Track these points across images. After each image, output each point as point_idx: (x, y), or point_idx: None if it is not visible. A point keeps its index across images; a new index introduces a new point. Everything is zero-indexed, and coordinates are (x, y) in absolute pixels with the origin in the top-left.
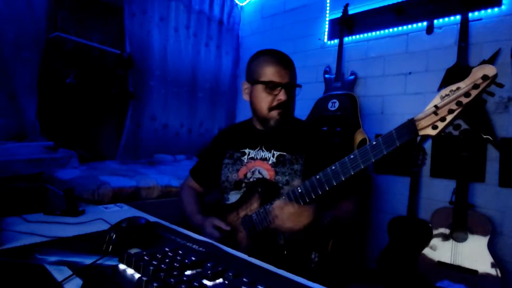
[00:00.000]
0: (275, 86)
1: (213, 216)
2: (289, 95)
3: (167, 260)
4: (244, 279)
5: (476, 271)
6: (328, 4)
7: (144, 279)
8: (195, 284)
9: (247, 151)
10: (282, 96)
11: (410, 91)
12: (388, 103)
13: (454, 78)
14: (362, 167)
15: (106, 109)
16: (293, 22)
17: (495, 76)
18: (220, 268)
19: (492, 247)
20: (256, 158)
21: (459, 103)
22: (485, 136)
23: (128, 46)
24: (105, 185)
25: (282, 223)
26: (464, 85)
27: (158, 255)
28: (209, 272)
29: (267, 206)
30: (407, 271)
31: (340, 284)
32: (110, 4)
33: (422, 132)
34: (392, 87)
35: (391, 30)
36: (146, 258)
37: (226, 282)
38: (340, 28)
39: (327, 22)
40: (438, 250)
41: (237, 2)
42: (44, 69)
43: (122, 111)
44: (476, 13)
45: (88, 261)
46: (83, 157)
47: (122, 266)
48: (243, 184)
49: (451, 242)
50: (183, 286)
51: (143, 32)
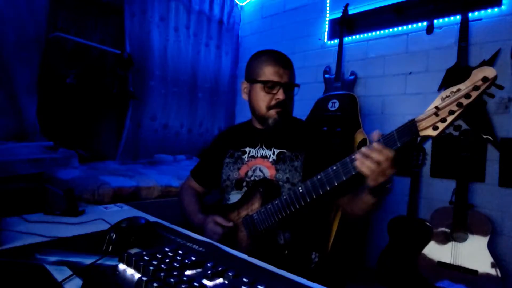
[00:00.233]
0: (274, 85)
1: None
2: (287, 94)
3: (167, 260)
4: (244, 279)
5: (476, 271)
6: (328, 4)
7: (144, 279)
8: (195, 284)
9: (247, 149)
10: (281, 96)
11: (410, 91)
12: (388, 103)
13: (454, 78)
14: None
15: (106, 109)
16: (293, 22)
17: (495, 78)
18: (220, 268)
19: (492, 247)
20: (257, 156)
21: (459, 105)
22: (485, 137)
23: (128, 46)
24: (105, 185)
25: (386, 167)
26: (464, 86)
27: (158, 255)
28: (209, 272)
29: (268, 206)
30: (407, 271)
31: (340, 284)
32: (110, 4)
33: (423, 133)
34: (392, 87)
35: (391, 30)
36: (146, 258)
37: (226, 282)
38: (340, 28)
39: (327, 22)
40: (438, 250)
41: (237, 2)
42: (44, 69)
43: (122, 111)
44: (476, 13)
45: (88, 261)
46: (83, 157)
47: (122, 266)
48: (244, 183)
49: (451, 242)
50: (183, 286)
51: (143, 32)
